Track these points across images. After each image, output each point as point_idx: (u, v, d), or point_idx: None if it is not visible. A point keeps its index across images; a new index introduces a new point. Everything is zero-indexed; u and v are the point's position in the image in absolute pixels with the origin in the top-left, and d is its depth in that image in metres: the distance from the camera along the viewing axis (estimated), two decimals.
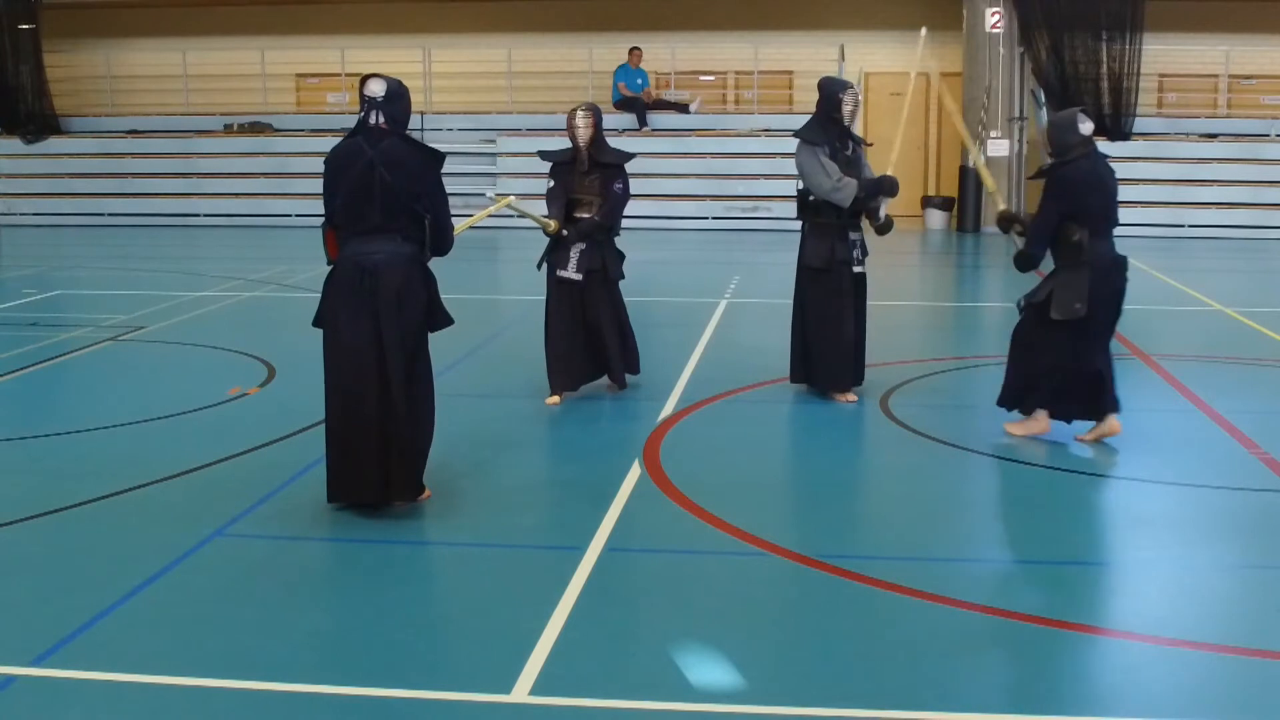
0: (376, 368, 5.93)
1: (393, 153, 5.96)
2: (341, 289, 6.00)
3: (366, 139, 5.99)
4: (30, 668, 4.42)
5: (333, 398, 6.05)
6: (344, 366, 5.97)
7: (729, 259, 17.35)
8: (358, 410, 5.94)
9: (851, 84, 8.52)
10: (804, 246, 8.50)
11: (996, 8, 20.80)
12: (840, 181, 8.16)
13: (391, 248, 5.97)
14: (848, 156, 8.30)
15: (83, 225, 21.91)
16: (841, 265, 8.34)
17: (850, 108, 8.28)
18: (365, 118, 6.02)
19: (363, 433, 5.95)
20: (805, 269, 8.47)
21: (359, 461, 5.97)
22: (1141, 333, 11.32)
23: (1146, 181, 20.09)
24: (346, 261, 6.00)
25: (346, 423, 5.97)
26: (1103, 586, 5.28)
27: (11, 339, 10.77)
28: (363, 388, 5.93)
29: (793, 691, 4.30)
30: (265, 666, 4.47)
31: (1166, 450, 7.40)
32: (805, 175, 8.29)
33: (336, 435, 6.03)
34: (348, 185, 5.97)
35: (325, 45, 23.64)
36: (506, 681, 4.32)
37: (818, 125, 8.37)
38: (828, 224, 8.34)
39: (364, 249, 5.96)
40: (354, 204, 5.97)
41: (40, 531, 5.91)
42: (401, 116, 6.08)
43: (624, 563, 5.55)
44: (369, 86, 6.02)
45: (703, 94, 23.38)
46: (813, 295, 8.44)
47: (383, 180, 5.91)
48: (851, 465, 7.35)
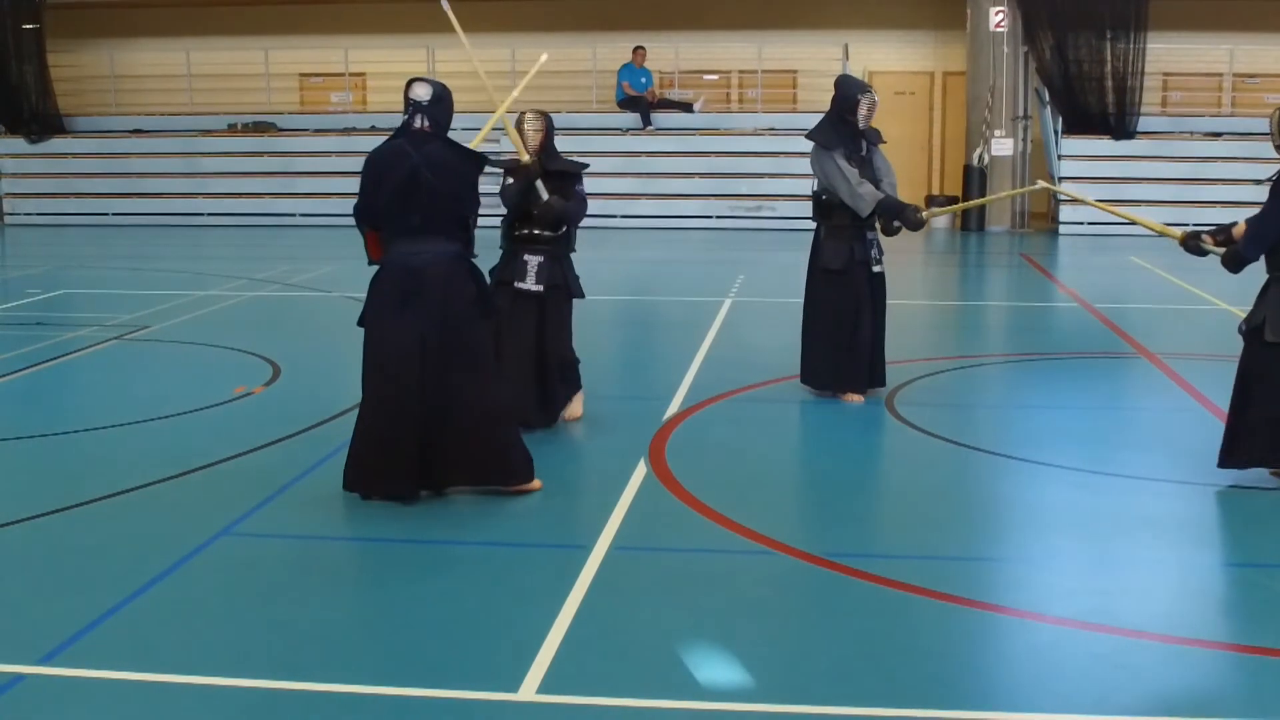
0: (419, 367, 6.00)
1: (437, 156, 6.02)
2: (388, 290, 6.09)
3: (411, 142, 6.04)
4: (38, 666, 4.41)
5: (373, 396, 6.11)
6: (389, 366, 6.05)
7: (733, 258, 17.34)
8: (401, 410, 6.02)
9: (870, 88, 8.37)
10: (820, 248, 8.43)
11: (1000, 6, 20.80)
12: (861, 186, 8.12)
13: (436, 248, 6.05)
14: (861, 157, 8.25)
15: (87, 225, 21.94)
16: (859, 266, 8.31)
17: (866, 112, 8.20)
18: (410, 120, 6.08)
19: (404, 432, 6.02)
20: (822, 271, 8.42)
21: (395, 459, 6.04)
22: (1147, 331, 11.32)
23: (1151, 180, 20.08)
24: (393, 263, 6.09)
25: (388, 421, 6.04)
26: (1107, 585, 5.26)
27: (17, 338, 10.78)
28: (407, 387, 6.00)
29: (801, 689, 4.30)
30: (272, 665, 4.47)
31: (1171, 449, 7.39)
32: (823, 179, 8.26)
33: (373, 431, 6.09)
34: (391, 187, 6.02)
35: (329, 45, 23.65)
36: (514, 680, 4.32)
37: (830, 127, 8.29)
38: (844, 226, 8.30)
39: (409, 250, 6.04)
40: (398, 206, 6.03)
41: (47, 530, 5.91)
42: (445, 119, 6.15)
43: (631, 561, 5.55)
44: (414, 90, 6.06)
45: (706, 93, 23.39)
46: (827, 297, 8.38)
47: (428, 184, 5.96)
48: (858, 464, 7.34)
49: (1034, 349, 10.82)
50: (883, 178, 8.28)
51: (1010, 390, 9.47)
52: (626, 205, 20.93)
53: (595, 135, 21.25)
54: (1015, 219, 21.50)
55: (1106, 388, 9.39)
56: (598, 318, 11.13)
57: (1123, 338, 11.03)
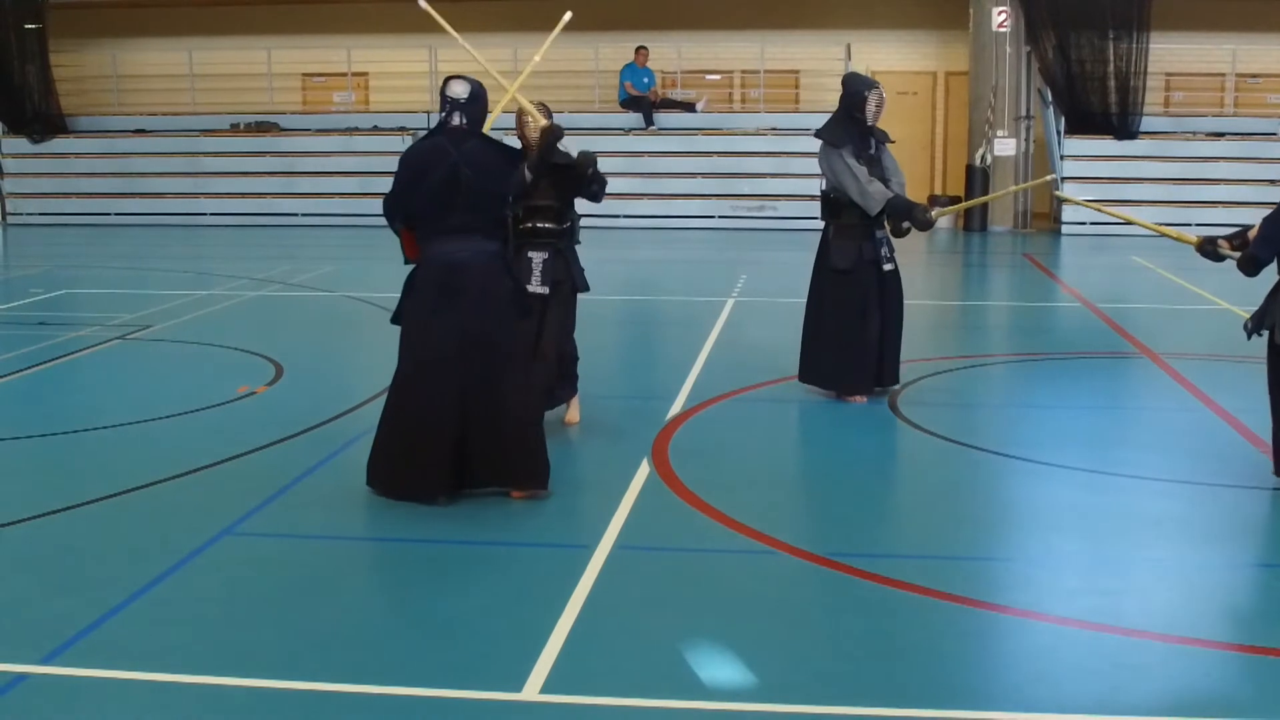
0: (457, 366, 6.01)
1: (477, 154, 6.04)
2: (426, 289, 6.10)
3: (450, 140, 6.06)
4: (40, 665, 4.41)
5: (409, 394, 6.12)
6: (429, 365, 6.06)
7: (735, 258, 17.34)
8: (438, 409, 6.03)
9: (877, 83, 8.36)
10: (828, 248, 8.39)
11: (1003, 6, 20.80)
12: (870, 185, 8.10)
13: (475, 246, 6.08)
14: (870, 156, 8.22)
15: (89, 225, 21.94)
16: (868, 265, 8.29)
17: (874, 107, 8.17)
18: (447, 119, 6.10)
19: (440, 432, 6.03)
20: (830, 270, 8.37)
21: (427, 460, 6.05)
22: (1149, 331, 11.32)
23: (1152, 180, 20.07)
24: (431, 261, 6.11)
25: (423, 421, 6.05)
26: (1110, 585, 5.26)
27: (19, 338, 10.78)
28: (447, 386, 6.02)
29: (804, 689, 4.29)
30: (275, 665, 4.47)
31: (1175, 448, 7.39)
32: (831, 177, 8.24)
33: (406, 431, 6.10)
34: (430, 186, 6.04)
35: (332, 45, 23.67)
36: (517, 680, 4.31)
37: (838, 124, 8.27)
38: (853, 225, 8.27)
39: (448, 248, 6.06)
40: (437, 204, 6.05)
41: (49, 530, 5.91)
42: (480, 117, 6.17)
43: (634, 561, 5.54)
44: (451, 88, 6.08)
45: (709, 93, 23.40)
46: (835, 296, 8.34)
47: (468, 181, 5.99)
48: (861, 464, 7.33)
49: (1036, 349, 10.82)
50: (891, 177, 8.26)
51: (1013, 390, 9.46)
52: (629, 205, 20.92)
53: (598, 135, 21.24)
54: (1017, 219, 21.50)
55: (1109, 387, 9.38)
56: (600, 317, 11.13)
57: (1125, 338, 11.02)
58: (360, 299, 12.62)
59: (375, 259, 16.91)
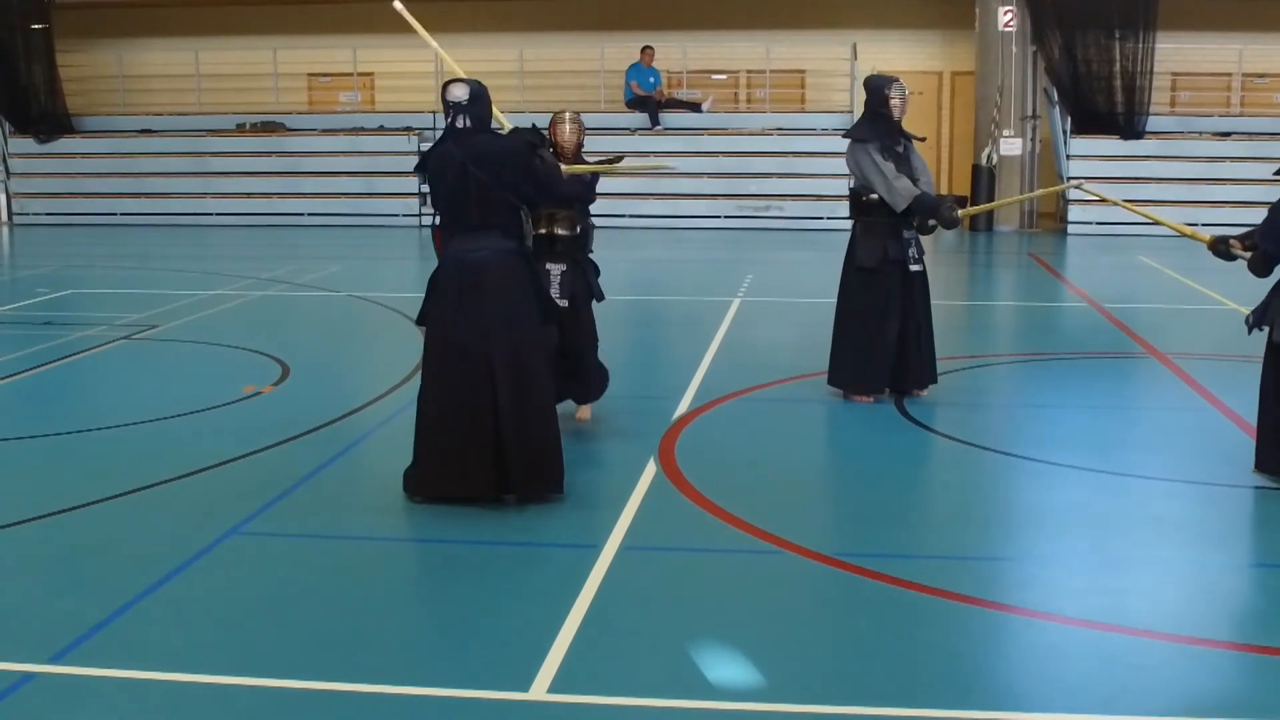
0: (485, 364, 6.02)
1: (482, 149, 6.09)
2: (445, 287, 6.15)
3: (456, 142, 6.11)
4: (47, 665, 4.42)
5: (436, 395, 6.13)
6: (451, 364, 6.08)
7: (741, 258, 17.34)
8: (466, 407, 6.04)
9: (898, 79, 8.41)
10: (855, 246, 8.39)
11: (1009, 6, 20.77)
12: (897, 181, 8.08)
13: (492, 244, 6.12)
14: (898, 153, 8.21)
15: (95, 224, 21.97)
16: (893, 265, 8.26)
17: (898, 101, 8.20)
18: (453, 122, 6.13)
19: (473, 430, 6.03)
20: (855, 269, 8.36)
21: (466, 458, 6.05)
22: (1155, 331, 11.31)
23: (1159, 180, 20.04)
24: (449, 260, 6.18)
25: (455, 420, 6.05)
26: (1117, 585, 5.25)
27: (25, 337, 10.79)
28: (471, 385, 6.03)
29: (811, 689, 4.29)
30: (282, 664, 4.47)
31: (1182, 449, 7.37)
32: (859, 173, 8.24)
33: (438, 432, 6.10)
34: (446, 188, 6.13)
35: (337, 45, 23.67)
36: (524, 679, 4.31)
37: (865, 123, 8.33)
38: (880, 223, 8.25)
39: (465, 246, 6.13)
40: (454, 204, 6.15)
41: (56, 529, 5.91)
42: (486, 116, 6.20)
43: (641, 561, 5.54)
44: (451, 92, 6.11)
45: (715, 93, 23.40)
46: (857, 295, 8.33)
47: (476, 179, 6.03)
48: (868, 464, 7.33)
49: (1043, 349, 10.81)
50: (919, 175, 8.26)
51: (1020, 390, 9.45)
52: (635, 205, 20.93)
53: (604, 135, 21.23)
54: (1023, 219, 21.48)
55: (1116, 388, 9.37)
56: (607, 317, 11.05)
57: (1132, 338, 11.01)
58: (366, 299, 12.61)
59: (381, 259, 16.98)
